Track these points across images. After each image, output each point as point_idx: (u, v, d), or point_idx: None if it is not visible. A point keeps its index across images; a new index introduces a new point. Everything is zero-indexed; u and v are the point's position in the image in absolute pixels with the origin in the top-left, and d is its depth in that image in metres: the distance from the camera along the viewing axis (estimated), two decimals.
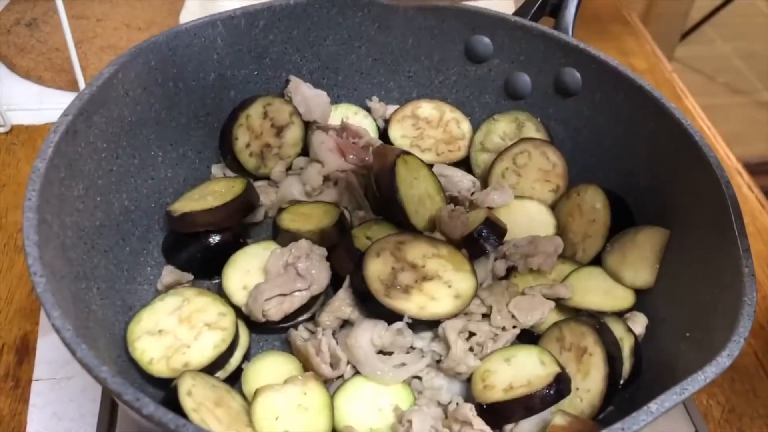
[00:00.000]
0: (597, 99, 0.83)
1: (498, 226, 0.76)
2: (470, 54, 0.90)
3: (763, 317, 0.92)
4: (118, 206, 0.74)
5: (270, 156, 0.86)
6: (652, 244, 0.75)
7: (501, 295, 0.73)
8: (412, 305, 0.68)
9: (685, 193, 0.74)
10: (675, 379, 0.57)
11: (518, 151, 0.85)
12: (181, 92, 0.81)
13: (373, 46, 0.91)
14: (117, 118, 0.74)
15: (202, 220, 0.75)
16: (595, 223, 0.79)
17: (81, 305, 0.63)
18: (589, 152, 0.85)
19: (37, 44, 1.20)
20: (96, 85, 0.70)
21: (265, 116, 0.85)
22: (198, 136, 0.85)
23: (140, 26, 1.27)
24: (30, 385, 0.77)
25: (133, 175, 0.77)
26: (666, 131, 0.76)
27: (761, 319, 0.91)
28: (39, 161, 0.61)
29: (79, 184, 0.68)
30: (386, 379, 0.67)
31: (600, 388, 0.64)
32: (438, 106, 0.92)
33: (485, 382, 0.66)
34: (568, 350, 0.68)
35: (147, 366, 0.65)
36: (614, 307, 0.73)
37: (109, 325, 0.68)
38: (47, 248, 0.59)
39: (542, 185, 0.85)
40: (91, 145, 0.70)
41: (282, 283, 0.70)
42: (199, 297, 0.71)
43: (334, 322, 0.71)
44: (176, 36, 0.79)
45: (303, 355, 0.68)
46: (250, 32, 0.84)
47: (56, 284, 0.57)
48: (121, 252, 0.74)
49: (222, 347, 0.66)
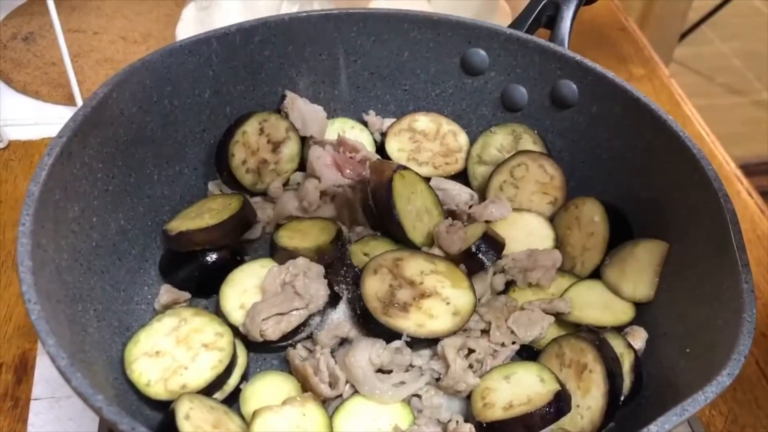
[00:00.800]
0: (594, 111, 0.83)
1: (496, 240, 0.76)
2: (466, 67, 0.89)
3: (765, 325, 0.91)
4: (115, 226, 0.74)
5: (267, 172, 0.86)
6: (650, 258, 0.74)
7: (500, 311, 0.73)
8: (410, 323, 0.68)
9: (683, 207, 0.73)
10: (676, 396, 0.57)
11: (516, 164, 0.85)
12: (176, 110, 0.81)
13: (369, 60, 0.90)
14: (112, 138, 0.73)
15: (199, 238, 0.75)
16: (594, 236, 0.79)
17: (77, 328, 0.63)
18: (586, 164, 0.85)
19: (33, 59, 1.20)
20: (90, 105, 0.70)
21: (261, 132, 0.84)
22: (194, 153, 0.84)
23: (137, 39, 1.27)
24: (29, 405, 0.77)
25: (130, 194, 0.76)
26: (664, 143, 0.76)
27: (762, 327, 0.91)
28: (33, 185, 0.61)
29: (74, 205, 0.68)
30: (385, 398, 0.66)
31: (600, 405, 0.64)
32: (435, 118, 0.92)
33: (485, 400, 0.66)
34: (568, 367, 0.68)
35: (144, 388, 0.65)
36: (614, 321, 0.73)
37: (106, 346, 0.67)
38: (42, 273, 0.58)
39: (540, 198, 0.85)
40: (86, 165, 0.69)
41: (279, 302, 0.70)
42: (197, 317, 0.70)
43: (332, 340, 0.71)
44: (171, 54, 0.78)
45: (301, 375, 0.68)
46: (245, 48, 0.84)
47: (51, 309, 0.57)
48: (117, 272, 0.74)
49: (219, 368, 0.66)
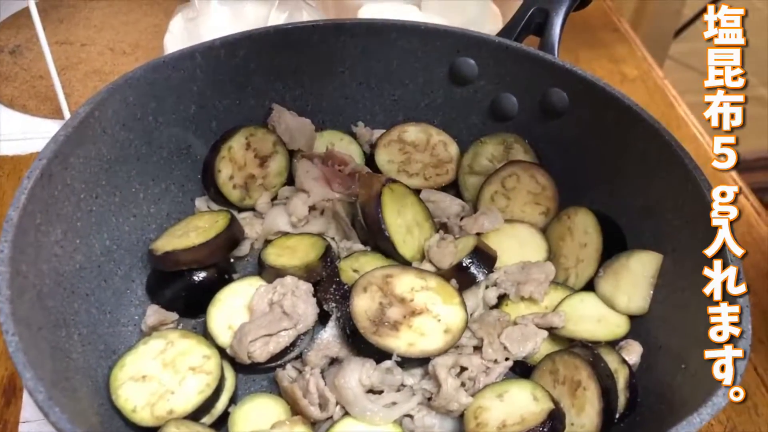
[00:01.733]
0: (585, 119, 0.82)
1: (488, 253, 0.75)
2: (455, 76, 0.88)
3: (763, 332, 0.90)
4: (99, 247, 0.73)
5: (254, 187, 0.84)
6: (645, 270, 0.73)
7: (492, 327, 0.72)
8: (401, 342, 0.67)
9: (677, 216, 0.72)
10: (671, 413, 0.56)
11: (507, 174, 0.83)
12: (161, 126, 0.79)
13: (357, 71, 0.89)
14: (95, 157, 0.72)
15: (186, 258, 0.74)
16: (587, 248, 0.77)
17: (60, 355, 0.62)
18: (578, 173, 0.84)
19: (21, 72, 1.19)
20: (72, 125, 0.68)
21: (248, 147, 0.83)
22: (180, 170, 0.83)
23: (125, 50, 1.25)
24: (17, 428, 0.75)
25: (114, 213, 0.75)
26: (657, 152, 0.74)
27: (761, 334, 0.90)
28: (12, 210, 0.60)
29: (56, 228, 0.66)
30: (377, 419, 0.65)
31: (595, 423, 0.63)
32: (424, 129, 0.91)
33: (478, 420, 0.64)
34: (561, 384, 0.66)
35: (131, 414, 0.64)
36: (608, 335, 0.72)
37: (91, 372, 0.66)
38: (21, 301, 0.57)
39: (532, 208, 0.83)
40: (68, 187, 0.68)
41: (267, 322, 0.69)
42: (183, 339, 0.69)
43: (321, 360, 0.69)
44: (154, 69, 0.77)
45: (290, 397, 0.67)
46: (230, 62, 0.82)
47: (32, 338, 0.56)
48: (103, 294, 0.72)
49: (207, 392, 0.65)
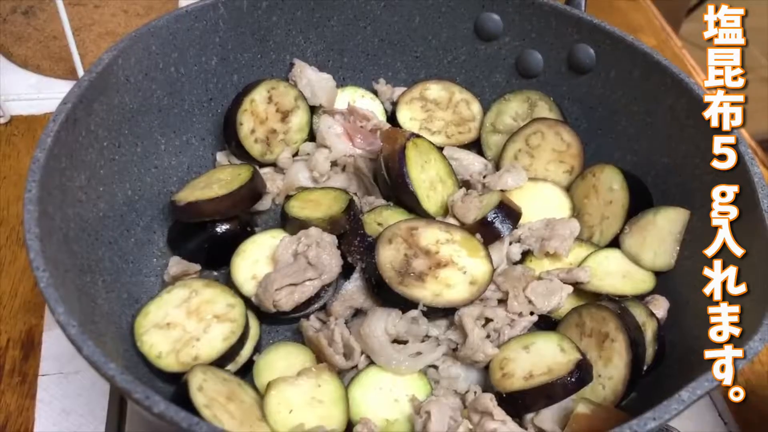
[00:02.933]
0: (612, 76, 0.81)
1: (512, 209, 0.74)
2: (480, 32, 0.87)
3: None
4: (122, 196, 0.72)
5: (276, 142, 0.84)
6: (671, 226, 0.73)
7: (517, 281, 0.71)
8: (426, 293, 0.66)
9: (707, 172, 0.71)
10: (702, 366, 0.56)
11: (531, 132, 0.82)
12: (182, 77, 0.79)
13: (379, 26, 0.88)
14: (118, 106, 0.72)
15: (208, 209, 0.73)
16: (613, 205, 0.77)
17: (86, 299, 0.61)
18: (604, 131, 0.83)
19: (34, 32, 1.17)
20: (95, 71, 0.68)
21: (269, 101, 0.82)
22: (201, 123, 0.82)
23: (139, 12, 1.24)
24: (36, 381, 0.75)
25: (136, 163, 0.75)
26: (685, 108, 0.73)
27: None
28: (38, 151, 0.59)
29: (80, 174, 0.66)
30: (402, 368, 0.65)
31: (623, 375, 0.62)
32: (447, 86, 0.90)
33: (504, 371, 0.64)
34: (588, 336, 0.66)
35: (156, 360, 0.64)
36: (634, 290, 0.71)
37: (116, 318, 0.66)
38: (50, 241, 0.57)
39: (556, 166, 0.83)
40: (92, 133, 0.68)
41: (292, 272, 0.68)
42: (207, 288, 0.69)
43: (346, 311, 0.69)
44: (177, 20, 0.76)
45: (315, 346, 0.67)
46: (252, 14, 0.81)
47: (60, 278, 0.55)
48: (125, 243, 0.72)
49: (232, 339, 0.65)
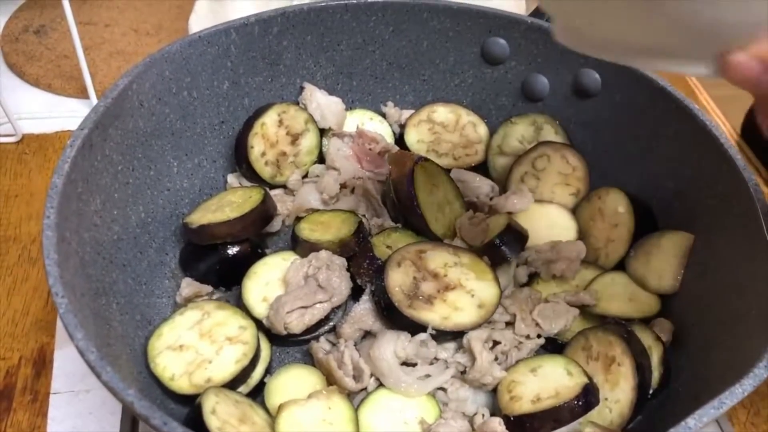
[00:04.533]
0: (617, 100, 0.82)
1: (519, 232, 0.75)
2: (486, 56, 0.88)
3: None
4: (135, 219, 0.74)
5: (286, 164, 0.85)
6: (676, 249, 0.74)
7: (524, 303, 0.72)
8: (435, 316, 0.67)
9: (711, 197, 0.72)
10: (708, 388, 0.56)
11: (537, 155, 0.84)
12: (195, 101, 0.80)
13: (388, 50, 0.89)
14: (132, 130, 0.73)
15: (220, 231, 0.74)
16: (618, 228, 0.78)
17: (101, 322, 0.62)
18: (609, 155, 0.84)
19: (45, 51, 1.19)
20: (111, 97, 0.69)
21: (280, 124, 0.83)
22: (213, 145, 0.84)
23: (149, 31, 1.26)
24: (48, 399, 0.76)
25: (149, 186, 0.76)
26: (690, 133, 0.74)
27: None
28: (56, 177, 0.61)
29: (96, 198, 0.67)
30: (411, 391, 0.66)
31: (630, 398, 0.63)
32: (454, 109, 0.91)
33: (512, 393, 0.65)
34: (595, 360, 0.67)
35: (169, 382, 0.65)
36: (640, 313, 0.72)
37: (130, 340, 0.67)
38: (67, 266, 0.58)
39: (562, 189, 0.84)
40: (107, 158, 0.69)
41: (303, 294, 0.69)
42: (219, 310, 0.70)
43: (355, 333, 0.70)
44: (190, 45, 0.78)
45: (325, 368, 0.68)
46: (263, 39, 0.83)
47: (77, 303, 0.56)
48: (139, 265, 0.73)
49: (244, 361, 0.66)
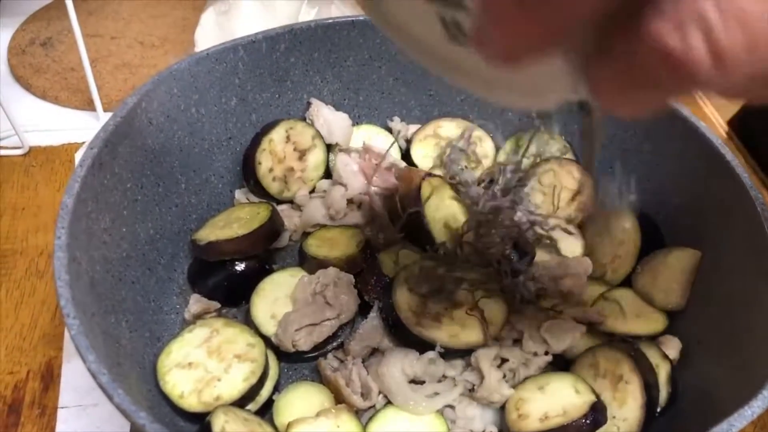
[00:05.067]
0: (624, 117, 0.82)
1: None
2: None
3: None
4: (144, 236, 0.74)
5: (293, 180, 0.85)
6: (683, 266, 0.74)
7: (532, 320, 0.72)
8: (443, 334, 0.67)
9: (717, 214, 0.72)
10: (716, 407, 0.57)
11: (543, 170, 0.84)
12: (203, 118, 0.80)
13: (394, 66, 0.90)
14: (141, 147, 0.73)
15: (228, 248, 0.75)
16: (625, 244, 0.78)
17: (111, 341, 0.63)
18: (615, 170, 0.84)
19: (52, 64, 1.20)
20: (120, 115, 0.69)
21: (287, 140, 0.84)
22: (220, 161, 0.84)
23: (154, 43, 1.26)
24: (56, 413, 0.76)
25: (158, 203, 0.76)
26: (696, 150, 0.75)
27: None
28: (67, 197, 0.61)
29: (105, 216, 0.67)
30: (419, 408, 0.66)
31: (637, 416, 0.63)
32: (460, 124, 0.91)
33: (519, 411, 0.65)
34: (602, 377, 0.67)
35: (178, 400, 0.65)
36: (647, 330, 0.72)
37: (139, 358, 0.67)
38: (78, 286, 0.58)
39: (568, 204, 0.84)
40: (116, 176, 0.69)
41: (311, 312, 0.70)
42: (228, 328, 0.70)
43: (363, 350, 0.70)
44: (198, 62, 0.78)
45: (333, 386, 0.68)
46: (271, 56, 0.83)
47: (88, 323, 0.57)
48: (147, 282, 0.73)
49: (252, 379, 0.66)
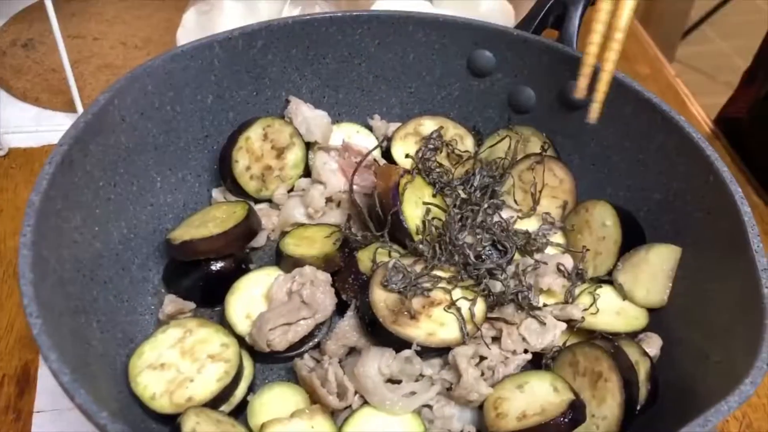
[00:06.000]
0: (604, 112, 0.81)
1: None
2: (473, 68, 0.88)
3: None
4: (117, 235, 0.73)
5: (271, 178, 0.84)
6: (664, 263, 0.73)
7: (511, 317, 0.71)
8: (420, 332, 0.66)
9: (698, 209, 0.72)
10: (695, 404, 0.56)
11: (524, 168, 0.83)
12: (178, 116, 0.79)
13: (374, 63, 0.89)
14: (114, 145, 0.72)
15: (203, 247, 0.74)
16: (606, 241, 0.77)
17: (80, 341, 0.61)
18: (597, 166, 0.83)
19: (33, 65, 1.18)
20: (91, 112, 0.68)
21: (265, 138, 0.83)
22: (197, 160, 0.83)
23: (137, 44, 1.25)
24: (31, 417, 0.75)
25: (132, 202, 0.75)
26: (676, 145, 0.74)
27: None
28: (34, 195, 0.60)
29: (76, 215, 0.66)
30: (396, 408, 0.65)
31: (616, 415, 0.62)
32: (441, 122, 0.90)
33: (498, 410, 0.64)
34: (582, 375, 0.66)
35: (149, 402, 0.64)
36: (628, 327, 0.72)
37: (110, 359, 0.66)
38: (44, 285, 0.57)
39: (549, 202, 0.83)
40: (87, 174, 0.68)
41: (286, 311, 0.68)
42: (202, 328, 0.69)
43: (340, 349, 0.69)
44: (173, 59, 0.77)
45: (309, 386, 0.67)
46: (248, 52, 0.82)
47: (54, 322, 0.55)
48: (121, 282, 0.72)
49: (226, 380, 0.65)
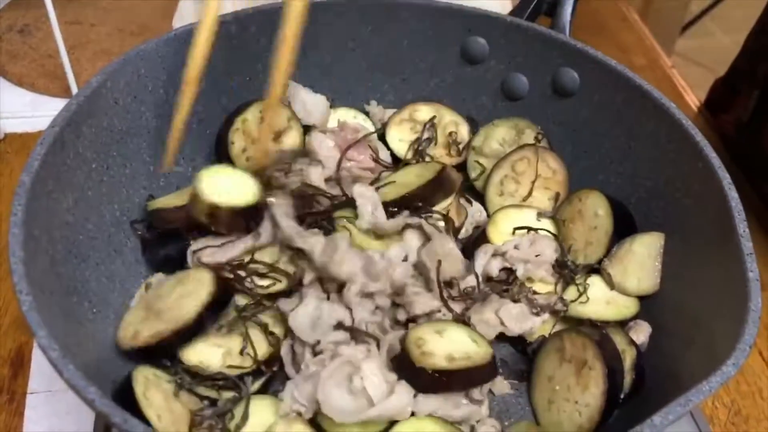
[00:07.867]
0: (596, 100, 0.82)
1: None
2: (466, 55, 0.88)
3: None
4: (110, 217, 0.73)
5: None
6: (649, 250, 0.73)
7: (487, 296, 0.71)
8: None
9: (687, 196, 0.72)
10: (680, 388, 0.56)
11: (517, 158, 0.83)
12: (171, 99, 0.79)
13: (367, 49, 0.89)
14: (107, 128, 0.72)
15: (173, 216, 0.74)
16: (597, 230, 0.77)
17: (72, 320, 0.62)
18: (589, 154, 0.84)
19: (29, 51, 1.19)
20: (84, 94, 0.69)
21: (262, 121, 0.83)
22: (190, 144, 0.83)
23: (133, 31, 1.25)
24: (25, 398, 0.75)
25: (125, 185, 0.75)
26: (667, 131, 0.74)
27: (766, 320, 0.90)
28: (25, 175, 0.60)
29: (68, 196, 0.67)
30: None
31: (599, 403, 0.62)
32: (436, 108, 0.90)
33: (422, 349, 0.63)
34: (568, 362, 0.66)
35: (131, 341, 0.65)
36: (618, 316, 0.72)
37: (103, 339, 0.67)
38: (35, 264, 0.57)
39: (542, 193, 0.83)
40: (80, 156, 0.68)
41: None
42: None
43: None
44: (166, 43, 0.77)
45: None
46: (241, 37, 0.82)
47: (45, 300, 0.56)
48: (113, 264, 0.73)
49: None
